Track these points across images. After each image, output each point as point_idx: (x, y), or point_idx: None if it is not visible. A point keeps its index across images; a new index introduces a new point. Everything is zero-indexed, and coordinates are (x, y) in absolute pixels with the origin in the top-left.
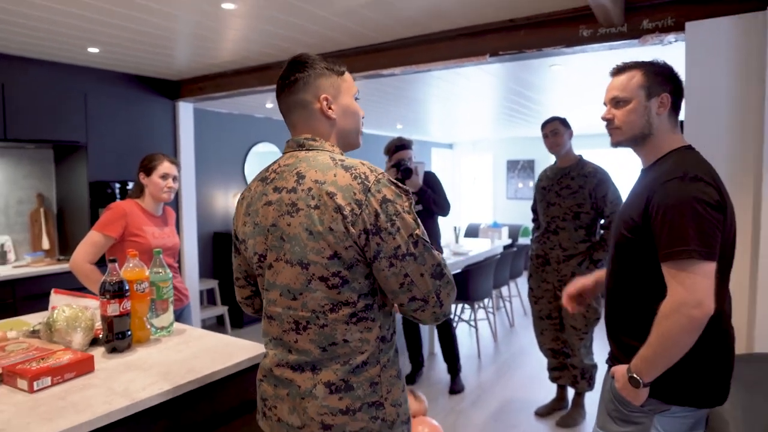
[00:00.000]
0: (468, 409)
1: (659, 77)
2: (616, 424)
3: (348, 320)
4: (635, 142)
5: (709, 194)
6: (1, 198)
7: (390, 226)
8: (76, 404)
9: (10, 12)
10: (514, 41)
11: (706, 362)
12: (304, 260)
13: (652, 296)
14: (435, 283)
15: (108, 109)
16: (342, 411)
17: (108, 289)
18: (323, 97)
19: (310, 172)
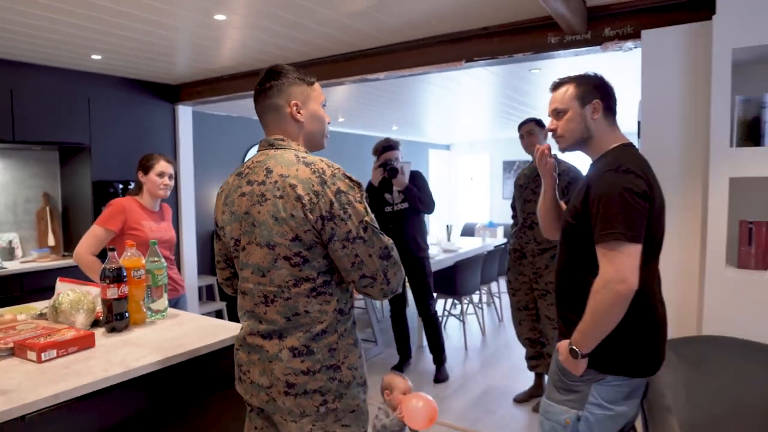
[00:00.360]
0: (450, 396)
1: (589, 87)
2: (559, 393)
3: (309, 294)
4: (579, 145)
5: (638, 185)
6: (10, 197)
7: (342, 213)
8: (79, 372)
9: (19, 23)
10: (487, 48)
11: (636, 336)
12: (271, 242)
13: (592, 276)
14: (383, 263)
15: (110, 113)
16: (303, 372)
17: (108, 275)
18: (293, 103)
19: (277, 168)
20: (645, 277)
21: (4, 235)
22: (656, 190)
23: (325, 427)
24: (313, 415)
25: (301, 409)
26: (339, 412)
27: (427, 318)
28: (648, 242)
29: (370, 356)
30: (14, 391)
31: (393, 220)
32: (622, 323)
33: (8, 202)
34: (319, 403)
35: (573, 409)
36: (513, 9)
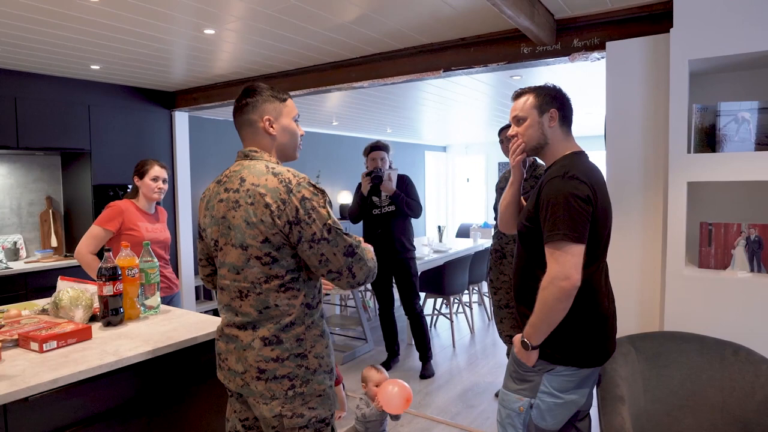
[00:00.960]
0: (434, 391)
1: (547, 97)
2: (514, 383)
3: (278, 290)
4: (536, 151)
5: (582, 190)
6: (15, 200)
7: (307, 218)
8: (76, 360)
9: (22, 36)
10: (465, 58)
11: (582, 329)
12: (244, 243)
13: (543, 274)
14: (347, 260)
15: (110, 119)
16: (273, 359)
17: (104, 273)
18: (266, 118)
19: (249, 177)
20: (591, 275)
21: (9, 236)
22: (600, 195)
23: (293, 409)
24: (282, 398)
25: (271, 393)
26: (306, 395)
27: (412, 316)
28: (593, 242)
29: (360, 353)
30: (18, 376)
31: (380, 222)
32: (570, 317)
33: (13, 205)
34: (287, 387)
35: (526, 398)
36: (488, 22)
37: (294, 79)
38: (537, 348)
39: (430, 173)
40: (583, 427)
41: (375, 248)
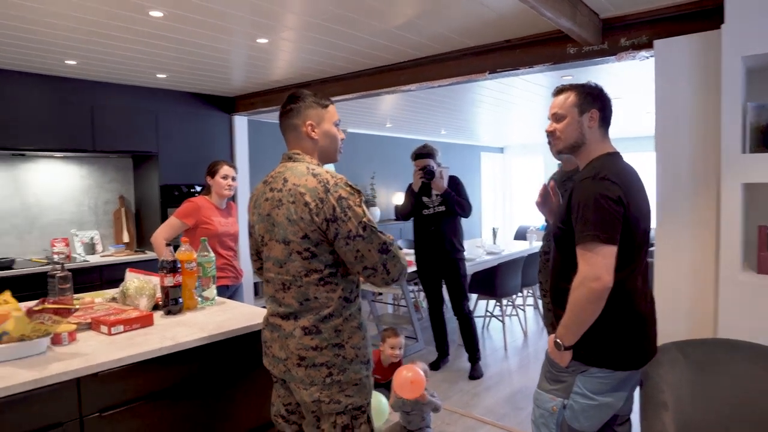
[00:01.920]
0: (482, 392)
1: (589, 97)
2: (548, 383)
3: (317, 283)
4: (572, 150)
5: (612, 191)
6: (92, 199)
7: (343, 216)
8: (140, 343)
9: (96, 51)
10: (510, 59)
11: (617, 331)
12: (286, 239)
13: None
14: (382, 256)
15: (175, 124)
16: (312, 348)
17: (165, 266)
18: (308, 123)
19: (291, 178)
20: (626, 276)
21: (87, 232)
22: (633, 196)
23: (330, 395)
24: (320, 384)
25: (310, 379)
26: (343, 383)
27: (461, 317)
28: (626, 243)
29: (410, 352)
30: (91, 354)
31: (430, 222)
32: (604, 319)
33: (91, 203)
34: (325, 375)
35: (559, 398)
36: (531, 23)
37: (345, 83)
38: (570, 348)
39: (487, 175)
40: (622, 431)
41: (424, 248)
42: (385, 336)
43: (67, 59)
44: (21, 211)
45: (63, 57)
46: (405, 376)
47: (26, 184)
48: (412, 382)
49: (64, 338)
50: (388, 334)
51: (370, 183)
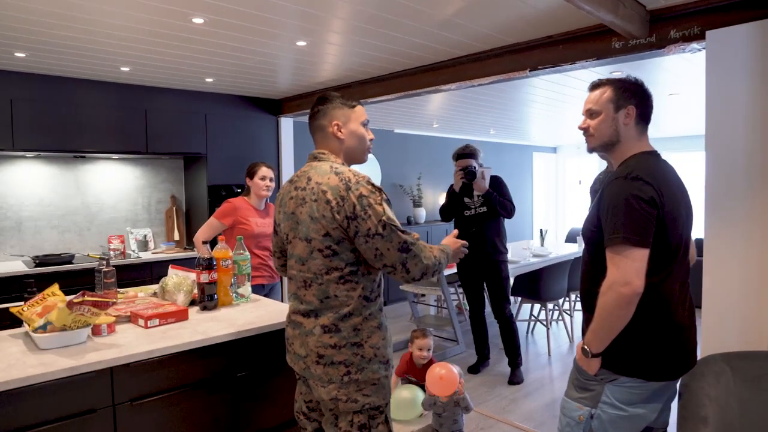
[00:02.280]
0: (521, 398)
1: (626, 93)
2: (576, 391)
3: (337, 281)
4: (606, 148)
5: (645, 192)
6: (146, 198)
7: (363, 214)
8: (173, 336)
9: (148, 58)
10: (552, 56)
11: (650, 339)
12: (308, 237)
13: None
14: (401, 255)
15: (223, 125)
16: (331, 346)
17: (201, 263)
18: (334, 123)
19: (315, 177)
20: (661, 282)
21: (141, 230)
22: (669, 197)
23: (348, 393)
24: (338, 382)
25: (328, 377)
26: (360, 382)
27: (502, 321)
28: (661, 247)
29: (450, 354)
30: (125, 346)
31: (472, 223)
32: (636, 326)
33: (144, 202)
34: (343, 373)
35: (586, 407)
36: (573, 18)
37: (386, 84)
38: (598, 356)
39: (539, 175)
40: None
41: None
42: (413, 337)
43: (122, 66)
44: (81, 209)
45: (118, 64)
46: (437, 372)
47: (86, 184)
48: (441, 378)
49: (103, 329)
50: (416, 335)
51: (416, 183)
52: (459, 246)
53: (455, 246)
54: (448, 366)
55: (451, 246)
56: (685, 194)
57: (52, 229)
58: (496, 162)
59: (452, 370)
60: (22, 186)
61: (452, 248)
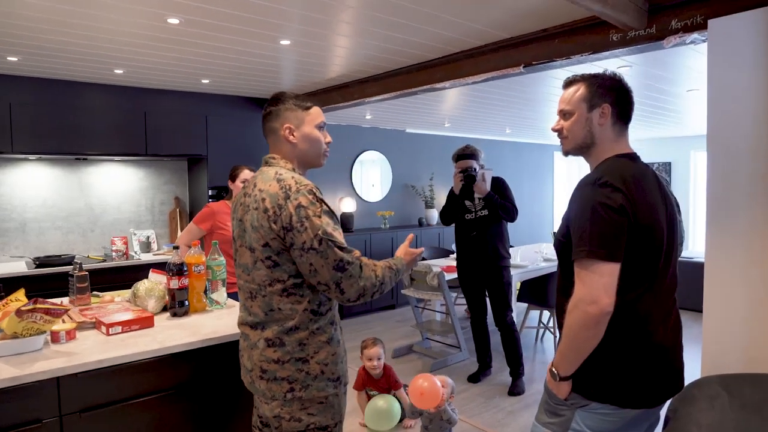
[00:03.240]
0: (520, 410)
1: (600, 90)
2: (545, 416)
3: (281, 293)
4: (581, 151)
5: (614, 199)
6: (149, 200)
7: (299, 226)
8: (129, 345)
9: (143, 61)
10: (546, 50)
11: (625, 362)
12: (252, 246)
13: None
14: (336, 274)
15: (223, 127)
16: (274, 360)
17: (171, 268)
18: (286, 126)
19: (259, 183)
20: (637, 298)
21: (144, 231)
22: (641, 204)
23: (291, 412)
24: (280, 399)
25: (271, 393)
26: (305, 400)
27: (503, 328)
28: (636, 259)
29: (452, 362)
30: (78, 354)
31: (473, 228)
32: (609, 347)
33: (148, 204)
34: (286, 390)
35: None
36: (569, 8)
37: (384, 83)
38: (568, 379)
39: (560, 176)
40: None
41: (466, 254)
42: (362, 347)
43: (115, 69)
44: (85, 210)
45: (111, 67)
46: (419, 385)
47: (89, 186)
48: (422, 393)
49: (62, 337)
50: (364, 345)
51: (429, 184)
52: (414, 256)
53: (409, 257)
54: (432, 379)
55: (405, 257)
56: (668, 200)
57: (56, 231)
58: (515, 162)
59: (435, 383)
60: (25, 188)
61: (406, 260)
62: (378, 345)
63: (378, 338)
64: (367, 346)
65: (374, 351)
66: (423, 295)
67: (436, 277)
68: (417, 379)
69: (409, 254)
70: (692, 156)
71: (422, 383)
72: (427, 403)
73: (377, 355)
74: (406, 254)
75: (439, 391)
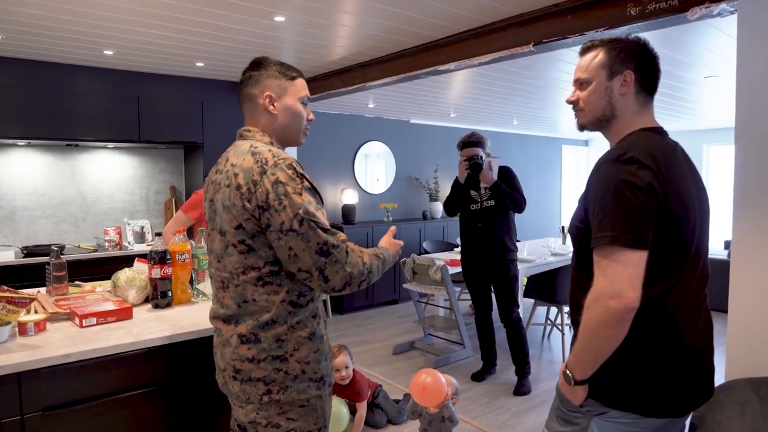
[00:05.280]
0: (525, 411)
1: (622, 54)
2: (558, 423)
3: (255, 282)
4: (599, 125)
5: (641, 177)
6: (143, 189)
7: (277, 204)
8: (101, 338)
9: (132, 40)
10: (559, 27)
11: (650, 365)
12: (223, 229)
13: None
14: (319, 259)
15: (219, 113)
16: (249, 359)
17: (153, 256)
18: (266, 95)
19: (232, 158)
20: (665, 292)
21: (138, 221)
22: (673, 183)
23: (268, 417)
24: (256, 402)
25: (246, 396)
26: (283, 404)
27: (509, 325)
28: (664, 247)
29: (455, 359)
30: (43, 348)
31: (479, 218)
32: (632, 348)
33: (142, 193)
34: (262, 392)
35: None
36: None
37: (387, 66)
38: (584, 383)
39: (568, 170)
40: None
41: (471, 247)
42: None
43: (105, 49)
44: (77, 199)
45: (100, 47)
46: (422, 380)
47: (82, 173)
48: (424, 388)
49: (30, 328)
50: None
51: (433, 176)
52: (398, 248)
53: (394, 248)
54: (436, 375)
55: (390, 248)
56: (698, 182)
57: (47, 219)
58: (521, 156)
59: (439, 378)
60: (15, 175)
61: (392, 251)
62: (343, 352)
63: (343, 345)
64: (334, 355)
65: (340, 360)
66: (426, 289)
67: (440, 270)
68: (420, 374)
69: (393, 245)
70: (705, 150)
71: (425, 378)
72: (429, 400)
73: (344, 365)
74: (391, 245)
75: (443, 388)
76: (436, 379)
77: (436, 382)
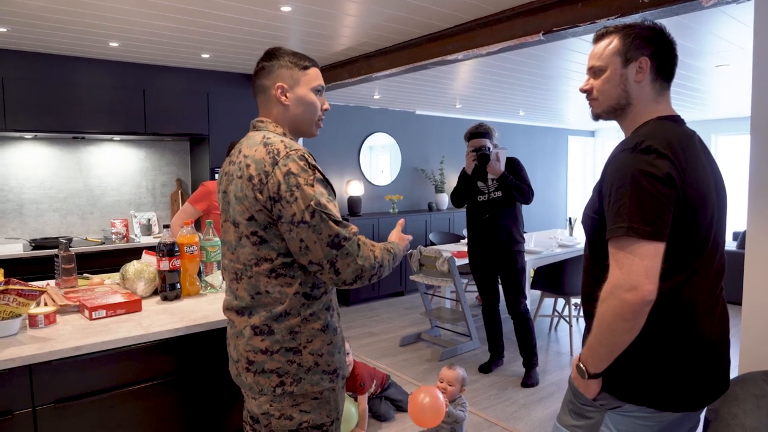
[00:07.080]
0: (533, 403)
1: (637, 40)
2: (570, 417)
3: (268, 274)
4: (614, 114)
5: (659, 167)
6: (150, 181)
7: (289, 196)
8: (111, 330)
9: (137, 32)
10: (569, 15)
11: (666, 358)
12: (236, 220)
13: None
14: (330, 251)
15: (225, 105)
16: (262, 351)
17: (162, 249)
18: (278, 85)
19: (245, 149)
20: (681, 284)
21: (145, 213)
22: (691, 174)
23: (281, 408)
24: (269, 394)
25: (259, 387)
26: (296, 396)
27: (517, 317)
28: (682, 239)
29: (461, 351)
30: (54, 340)
31: (486, 209)
32: (647, 341)
33: (149, 185)
34: (275, 384)
35: None
36: None
37: (393, 57)
38: (597, 377)
39: (575, 161)
40: None
41: (478, 238)
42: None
43: (110, 41)
44: (84, 192)
45: (106, 39)
46: (421, 403)
47: (89, 166)
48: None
49: (40, 321)
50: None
51: (439, 168)
52: (407, 242)
53: (403, 242)
54: (434, 392)
55: (400, 242)
56: (716, 172)
57: (54, 212)
58: (528, 147)
59: (438, 399)
60: (22, 168)
61: (401, 245)
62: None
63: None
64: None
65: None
66: (432, 281)
67: (447, 262)
68: (418, 394)
69: (402, 239)
70: (713, 140)
71: (423, 399)
72: (428, 421)
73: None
74: (400, 239)
75: (442, 407)
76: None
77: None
